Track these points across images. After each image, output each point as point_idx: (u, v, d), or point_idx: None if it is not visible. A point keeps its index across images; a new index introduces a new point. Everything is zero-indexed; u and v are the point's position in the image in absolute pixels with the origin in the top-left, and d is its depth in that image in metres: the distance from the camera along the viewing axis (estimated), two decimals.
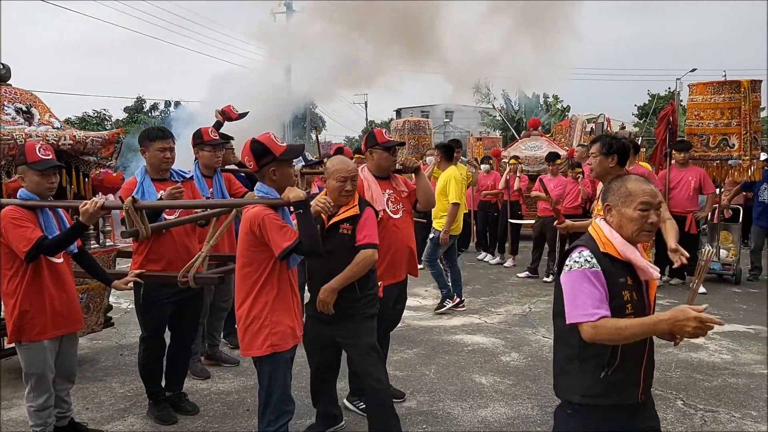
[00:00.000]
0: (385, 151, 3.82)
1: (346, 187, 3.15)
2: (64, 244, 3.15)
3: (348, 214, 3.20)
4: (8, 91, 4.39)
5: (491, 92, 34.36)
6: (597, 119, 14.79)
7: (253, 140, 2.86)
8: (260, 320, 2.83)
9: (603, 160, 3.65)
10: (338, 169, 3.17)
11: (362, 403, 3.89)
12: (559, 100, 36.36)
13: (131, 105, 31.27)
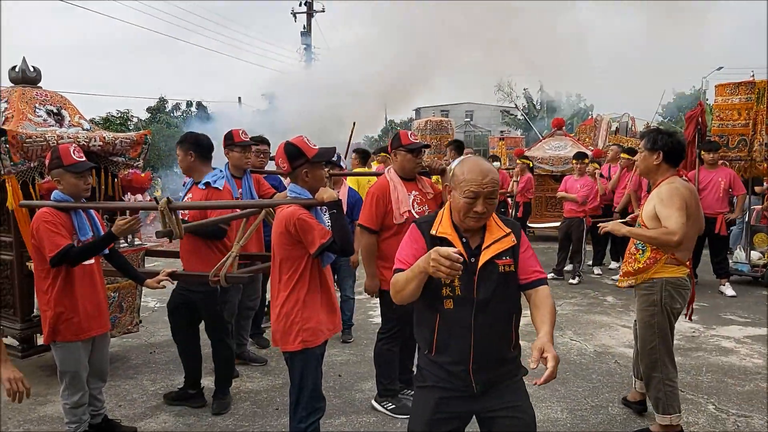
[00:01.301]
0: (409, 153, 3.81)
1: (476, 208, 2.16)
2: (91, 253, 3.20)
3: (504, 244, 2.24)
4: (39, 94, 4.48)
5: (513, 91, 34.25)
6: (621, 118, 14.63)
7: (287, 143, 2.94)
8: (292, 316, 2.88)
9: (647, 157, 3.49)
10: (468, 180, 2.16)
11: (390, 404, 3.90)
12: (582, 99, 36.04)
13: (153, 105, 31.66)
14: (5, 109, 4.26)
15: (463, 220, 2.21)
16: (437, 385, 2.27)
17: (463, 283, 2.19)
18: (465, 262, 2.08)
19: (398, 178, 3.84)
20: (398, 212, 3.75)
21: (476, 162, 2.25)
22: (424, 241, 2.25)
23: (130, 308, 4.66)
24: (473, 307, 2.19)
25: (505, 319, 2.27)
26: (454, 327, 2.23)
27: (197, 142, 3.97)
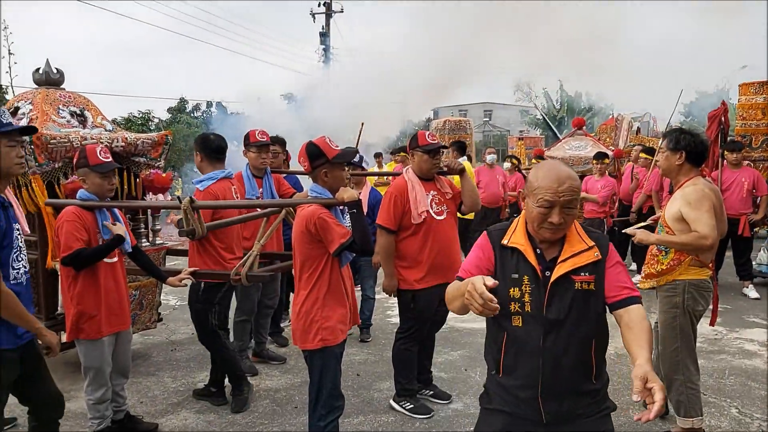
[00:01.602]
0: (426, 154, 3.81)
1: (551, 219, 1.93)
2: (99, 257, 3.23)
3: (584, 259, 1.98)
4: (62, 95, 4.55)
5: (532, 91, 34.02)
6: (642, 118, 14.47)
7: (308, 143, 2.98)
8: (311, 315, 2.91)
9: (669, 157, 3.42)
10: (542, 188, 1.94)
11: (408, 404, 3.91)
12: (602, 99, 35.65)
13: (174, 106, 32.02)
14: (30, 110, 4.34)
15: (537, 231, 2.00)
16: (503, 410, 2.08)
17: (533, 299, 1.98)
18: (536, 275, 1.97)
19: (416, 178, 3.84)
20: (416, 212, 3.75)
21: (552, 167, 2.00)
22: (492, 252, 2.08)
23: (150, 306, 4.72)
24: (543, 327, 1.97)
25: (582, 344, 2.00)
26: (522, 348, 2.01)
27: (203, 143, 4.02)
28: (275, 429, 3.73)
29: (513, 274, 2.02)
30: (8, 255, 2.47)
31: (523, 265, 2.02)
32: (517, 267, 2.02)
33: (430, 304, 3.85)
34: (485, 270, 2.06)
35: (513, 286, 2.01)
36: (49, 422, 2.75)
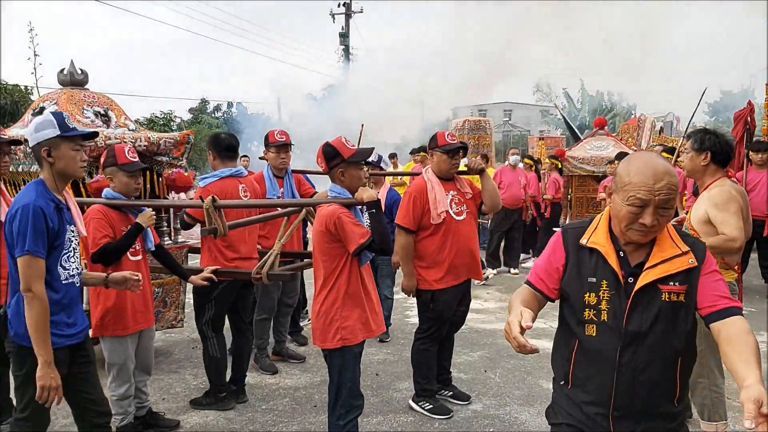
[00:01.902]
0: (445, 154, 3.80)
1: (643, 219, 1.71)
2: (124, 248, 3.28)
3: (676, 265, 1.76)
4: (86, 96, 4.62)
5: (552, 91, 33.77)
6: (665, 118, 14.28)
7: (324, 144, 3.01)
8: (331, 314, 2.92)
9: (694, 157, 3.35)
10: (634, 184, 1.71)
11: (428, 404, 3.90)
12: (624, 98, 35.29)
13: (195, 106, 32.36)
14: (55, 111, 4.42)
15: (624, 232, 1.77)
16: (570, 424, 1.90)
17: (611, 307, 1.79)
18: (617, 281, 1.77)
19: (436, 178, 3.83)
20: (435, 212, 3.74)
21: (647, 160, 1.75)
22: (565, 253, 1.90)
23: (174, 304, 4.77)
24: (621, 339, 1.77)
25: (666, 361, 1.78)
26: (594, 359, 1.82)
27: (215, 142, 4.12)
28: (295, 427, 3.75)
29: (590, 278, 1.82)
30: (58, 255, 2.53)
31: (603, 268, 1.81)
32: (596, 270, 1.82)
33: (449, 304, 3.85)
34: (556, 274, 1.90)
35: (589, 291, 1.82)
36: (91, 427, 2.78)
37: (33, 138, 2.52)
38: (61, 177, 2.58)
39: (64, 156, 2.53)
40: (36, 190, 2.48)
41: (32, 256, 2.39)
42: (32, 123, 2.57)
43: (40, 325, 2.40)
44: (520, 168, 9.06)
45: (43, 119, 2.55)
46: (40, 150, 2.51)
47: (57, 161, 2.52)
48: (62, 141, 2.52)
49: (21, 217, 2.39)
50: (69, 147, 2.54)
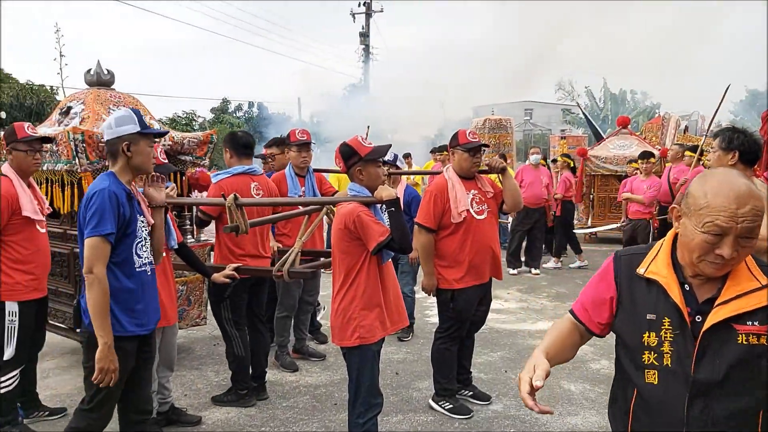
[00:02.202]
0: (466, 152, 3.79)
1: (721, 250, 1.46)
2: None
3: (755, 301, 1.50)
4: (113, 95, 4.68)
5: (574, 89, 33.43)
6: (690, 116, 14.06)
7: (342, 143, 3.04)
8: (349, 312, 2.92)
9: (722, 156, 3.27)
10: (713, 208, 1.45)
11: (448, 404, 3.89)
12: (648, 97, 34.83)
13: (217, 106, 32.65)
14: (82, 110, 4.49)
15: (696, 264, 1.50)
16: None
17: (675, 350, 1.53)
18: (681, 319, 1.51)
19: (457, 177, 3.82)
20: (456, 211, 3.72)
21: (728, 180, 1.47)
22: (616, 284, 1.65)
23: (198, 302, 4.82)
24: (688, 389, 1.50)
25: (746, 417, 1.50)
26: (657, 413, 1.55)
27: (231, 141, 4.20)
28: (315, 425, 3.76)
29: (649, 315, 1.57)
30: (132, 243, 2.61)
31: (665, 304, 1.55)
32: (656, 306, 1.56)
33: (469, 304, 3.83)
34: (604, 307, 1.67)
35: (648, 331, 1.56)
36: (133, 424, 2.83)
37: (113, 132, 2.58)
38: (135, 171, 2.68)
39: (141, 152, 2.62)
40: (109, 179, 2.56)
41: (100, 237, 2.45)
42: (111, 117, 2.63)
43: (100, 307, 2.45)
44: (544, 168, 8.98)
45: (123, 114, 2.64)
46: (119, 144, 2.58)
47: (134, 156, 2.61)
48: (141, 137, 2.62)
49: (96, 199, 2.47)
50: (146, 143, 2.65)
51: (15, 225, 3.42)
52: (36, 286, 3.55)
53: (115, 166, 2.63)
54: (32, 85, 19.65)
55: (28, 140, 3.49)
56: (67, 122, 4.44)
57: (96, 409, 2.62)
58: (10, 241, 3.42)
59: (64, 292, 4.55)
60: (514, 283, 7.87)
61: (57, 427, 3.72)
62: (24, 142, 3.48)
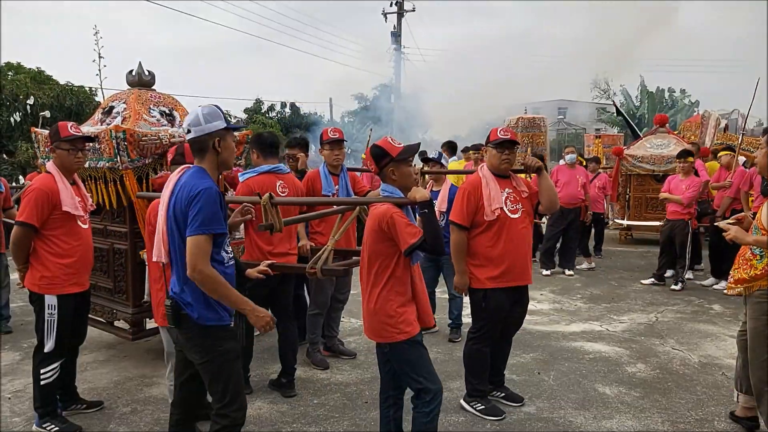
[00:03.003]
0: (494, 149, 3.75)
1: None
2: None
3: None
4: (153, 96, 4.77)
5: (610, 87, 32.80)
6: (730, 115, 13.67)
7: (372, 145, 3.03)
8: (387, 311, 2.91)
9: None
10: None
11: (479, 404, 3.86)
12: (686, 95, 34.00)
13: (250, 106, 33.05)
14: (123, 109, 4.59)
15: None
16: None
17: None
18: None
19: (491, 175, 3.78)
20: (489, 209, 3.68)
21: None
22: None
23: None
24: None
25: None
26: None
27: (258, 140, 4.30)
28: (345, 423, 3.77)
29: None
30: (223, 241, 2.62)
31: None
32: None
33: (501, 305, 3.77)
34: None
35: None
36: (190, 417, 2.90)
37: (203, 128, 2.56)
38: (222, 167, 2.69)
39: (229, 147, 2.63)
40: (206, 176, 2.55)
41: (206, 236, 2.45)
42: (198, 113, 2.58)
43: (224, 290, 2.49)
44: (580, 167, 8.84)
45: (211, 110, 2.61)
46: (209, 140, 2.57)
47: (223, 151, 2.61)
48: (227, 132, 2.62)
49: (202, 197, 2.44)
50: (231, 138, 2.67)
51: (55, 219, 3.53)
52: (76, 281, 3.64)
53: (204, 162, 2.60)
54: (72, 86, 20.19)
55: (71, 139, 3.60)
56: (110, 121, 4.54)
57: (233, 399, 2.62)
58: (50, 235, 3.54)
59: (103, 286, 4.67)
60: (548, 284, 7.77)
61: (94, 420, 3.82)
62: (67, 141, 3.59)
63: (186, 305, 2.55)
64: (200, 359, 2.59)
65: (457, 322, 5.49)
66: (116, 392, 4.26)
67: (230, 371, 2.60)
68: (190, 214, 2.45)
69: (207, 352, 2.58)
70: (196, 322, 2.55)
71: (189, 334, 2.59)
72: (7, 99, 17.14)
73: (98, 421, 3.81)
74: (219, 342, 2.59)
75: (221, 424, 2.60)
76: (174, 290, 2.60)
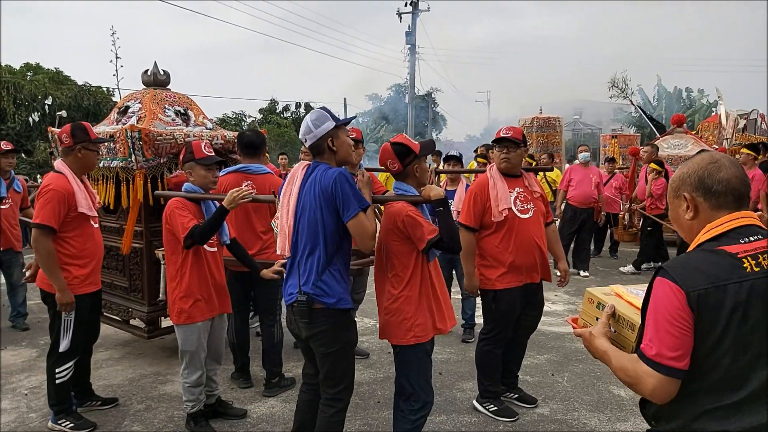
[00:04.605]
0: (495, 147, 3.75)
1: None
2: (212, 229, 3.40)
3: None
4: (168, 95, 4.80)
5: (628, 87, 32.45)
6: (749, 115, 13.46)
7: (392, 143, 2.97)
8: (404, 312, 2.90)
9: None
10: None
11: (492, 405, 3.83)
12: (704, 94, 33.59)
13: (265, 107, 33.22)
14: (139, 109, 4.62)
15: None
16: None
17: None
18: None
19: (499, 175, 3.74)
20: (497, 210, 3.65)
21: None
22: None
23: None
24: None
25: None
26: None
27: (238, 140, 4.41)
28: (358, 422, 3.77)
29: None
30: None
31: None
32: None
33: (512, 306, 3.72)
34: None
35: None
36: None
37: (315, 134, 2.71)
38: (341, 163, 2.80)
39: (343, 143, 2.78)
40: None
41: (363, 211, 2.64)
42: (308, 123, 2.73)
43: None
44: (594, 166, 8.76)
45: (318, 114, 2.75)
46: (324, 142, 2.72)
47: (339, 149, 2.76)
48: (338, 130, 2.75)
49: (345, 181, 2.62)
50: (344, 134, 2.79)
51: (71, 221, 3.55)
52: (92, 280, 3.68)
53: (327, 161, 2.76)
54: (89, 87, 20.43)
55: (99, 141, 3.72)
56: (125, 121, 4.58)
57: (349, 384, 2.85)
58: (66, 237, 3.55)
59: (119, 285, 4.71)
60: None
61: (108, 417, 3.85)
62: (95, 143, 3.69)
63: (322, 296, 2.68)
64: (327, 348, 2.74)
65: (470, 323, 5.46)
66: (131, 389, 4.30)
67: (351, 359, 2.84)
68: (338, 197, 2.61)
69: (336, 341, 2.74)
70: (332, 308, 2.68)
71: (322, 326, 2.72)
72: (26, 99, 17.38)
73: (113, 418, 3.85)
74: (345, 330, 2.78)
75: (337, 408, 2.82)
76: (303, 284, 2.70)
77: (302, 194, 2.73)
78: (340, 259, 2.75)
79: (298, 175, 2.78)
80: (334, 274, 2.71)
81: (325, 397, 2.84)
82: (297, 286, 2.73)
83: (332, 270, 2.70)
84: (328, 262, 2.69)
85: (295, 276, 2.75)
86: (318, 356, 2.82)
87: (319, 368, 2.84)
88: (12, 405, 4.06)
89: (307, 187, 2.72)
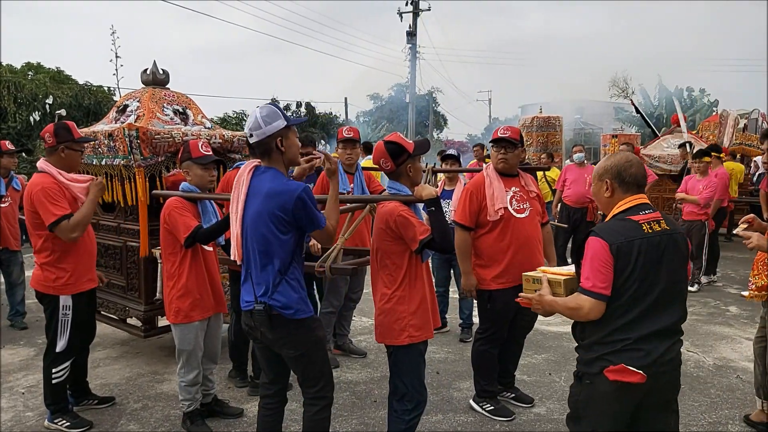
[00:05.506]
0: (493, 147, 3.76)
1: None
2: (216, 234, 3.40)
3: None
4: (167, 94, 4.81)
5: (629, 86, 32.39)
6: (750, 114, 13.43)
7: (386, 142, 2.95)
8: (398, 312, 2.89)
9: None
10: None
11: (488, 405, 3.83)
12: (705, 94, 33.53)
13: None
14: (137, 107, 4.63)
15: None
16: None
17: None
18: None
19: (495, 174, 3.73)
20: (493, 209, 3.63)
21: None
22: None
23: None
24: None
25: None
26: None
27: (248, 140, 4.25)
28: (354, 421, 3.77)
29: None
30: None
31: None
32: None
33: (507, 306, 3.68)
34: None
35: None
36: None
37: (264, 131, 2.56)
38: (290, 164, 2.70)
39: (292, 144, 2.65)
40: (282, 177, 2.60)
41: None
42: (257, 116, 2.57)
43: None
44: (590, 166, 8.73)
45: (269, 111, 2.59)
46: (272, 141, 2.58)
47: (287, 150, 2.62)
48: (288, 131, 2.62)
49: (308, 200, 2.53)
50: (294, 135, 2.67)
51: None
52: (90, 276, 3.69)
53: (272, 163, 2.61)
54: (90, 86, 20.44)
55: (81, 141, 3.68)
56: (123, 119, 4.59)
57: (328, 381, 2.79)
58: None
59: (116, 284, 4.71)
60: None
61: (105, 416, 3.85)
62: (78, 143, 3.66)
63: (280, 308, 2.58)
64: (295, 352, 2.67)
65: (468, 322, 5.46)
66: (128, 388, 4.30)
67: (324, 354, 2.76)
68: (302, 215, 2.53)
69: (303, 343, 2.66)
70: (291, 318, 2.60)
71: (284, 332, 2.63)
72: (27, 98, 17.39)
73: (109, 417, 3.85)
74: (310, 331, 2.69)
75: (320, 405, 2.76)
76: (259, 295, 2.61)
77: (250, 201, 2.58)
78: (295, 267, 2.62)
79: (244, 180, 2.62)
80: (291, 282, 2.60)
81: (306, 397, 2.78)
82: (252, 295, 2.63)
83: (288, 279, 2.59)
84: (284, 273, 2.58)
85: (250, 284, 2.65)
86: (288, 360, 2.73)
87: (294, 371, 2.78)
88: (9, 404, 4.06)
89: (259, 196, 2.55)
